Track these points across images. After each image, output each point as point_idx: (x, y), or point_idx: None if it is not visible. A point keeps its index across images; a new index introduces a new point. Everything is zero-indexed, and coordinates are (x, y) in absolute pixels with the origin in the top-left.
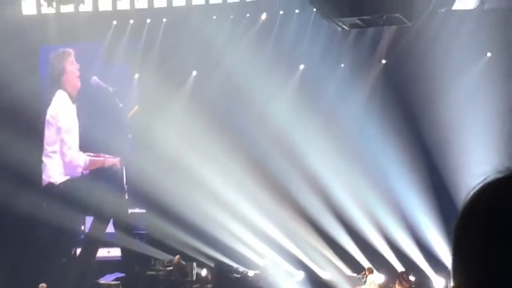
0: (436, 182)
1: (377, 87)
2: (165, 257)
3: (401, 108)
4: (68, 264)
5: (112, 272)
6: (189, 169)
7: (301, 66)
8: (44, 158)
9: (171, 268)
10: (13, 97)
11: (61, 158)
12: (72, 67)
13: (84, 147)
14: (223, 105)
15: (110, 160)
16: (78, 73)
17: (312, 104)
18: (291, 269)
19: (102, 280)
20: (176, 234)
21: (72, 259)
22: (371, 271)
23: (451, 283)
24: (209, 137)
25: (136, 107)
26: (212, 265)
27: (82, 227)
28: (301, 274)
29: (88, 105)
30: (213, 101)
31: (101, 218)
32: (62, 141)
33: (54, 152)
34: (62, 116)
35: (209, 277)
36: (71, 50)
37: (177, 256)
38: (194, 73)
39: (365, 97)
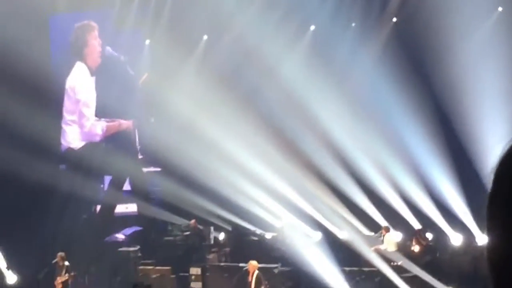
0: (451, 139)
1: (388, 45)
2: (181, 221)
3: (413, 65)
4: (88, 220)
5: (130, 226)
6: (202, 133)
7: (312, 27)
8: (63, 125)
9: (188, 232)
10: (25, 66)
11: (79, 127)
12: (95, 42)
13: (99, 113)
14: (234, 68)
15: (124, 124)
16: (100, 49)
17: (324, 64)
18: (308, 230)
19: (121, 234)
20: (191, 198)
21: (93, 216)
22: (387, 230)
23: (486, 235)
24: (221, 101)
25: (146, 74)
26: (229, 228)
27: (102, 186)
28: (318, 235)
29: (103, 73)
30: (225, 64)
31: (118, 177)
32: (80, 112)
33: (73, 121)
34: (80, 88)
35: (227, 240)
36: (95, 24)
37: (193, 220)
38: (205, 37)
39: (377, 55)
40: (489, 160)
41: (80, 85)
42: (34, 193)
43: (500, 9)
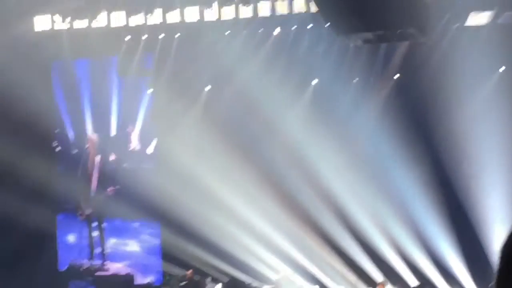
0: (450, 197)
1: (390, 102)
2: (178, 271)
3: (414, 123)
4: None
5: None
6: (202, 183)
7: (314, 81)
8: None
9: (184, 283)
10: (27, 112)
11: None
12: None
13: None
14: (236, 119)
15: None
16: None
17: (325, 119)
18: (305, 284)
19: None
20: (189, 248)
21: None
22: (384, 285)
23: None
24: (222, 152)
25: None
26: (226, 280)
27: None
28: None
29: None
30: (226, 116)
31: None
32: None
33: None
34: None
35: None
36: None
37: (190, 271)
38: (208, 88)
39: (378, 112)
40: (487, 218)
41: None
42: (32, 239)
43: (502, 69)
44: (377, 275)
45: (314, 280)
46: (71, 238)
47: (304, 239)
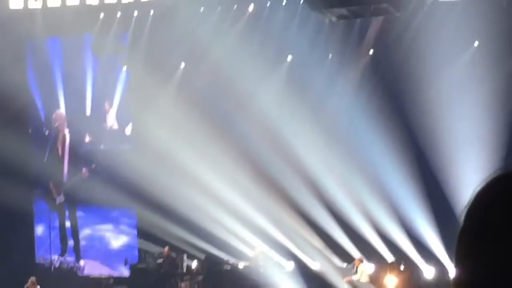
0: (426, 173)
1: (364, 77)
2: (155, 249)
3: (389, 98)
4: None
5: None
6: (178, 161)
7: (289, 57)
8: None
9: (161, 260)
10: (2, 90)
11: None
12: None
13: None
14: (211, 96)
15: None
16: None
17: (300, 95)
18: (281, 260)
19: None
20: (165, 226)
21: None
22: (361, 261)
23: (454, 269)
24: (197, 129)
25: None
26: (203, 257)
27: None
28: (291, 265)
29: None
30: (201, 92)
31: None
32: None
33: None
34: None
35: (200, 269)
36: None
37: (166, 248)
38: (182, 65)
39: (353, 87)
40: (462, 193)
41: None
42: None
43: (476, 43)
44: (354, 251)
45: (290, 256)
46: (39, 229)
47: (280, 215)
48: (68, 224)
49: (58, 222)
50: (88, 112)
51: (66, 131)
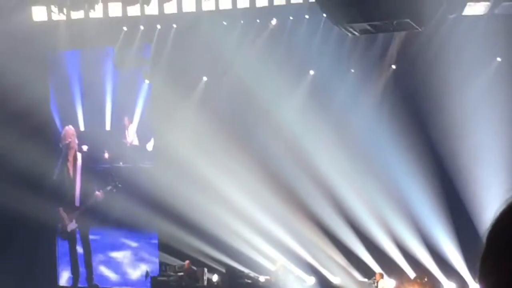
0: (447, 188)
1: (387, 92)
2: (176, 262)
3: (411, 113)
4: None
5: None
6: (200, 174)
7: (311, 72)
8: None
9: (181, 273)
10: (23, 101)
11: None
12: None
13: None
14: (233, 110)
15: None
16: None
17: (322, 110)
18: (302, 274)
19: None
20: (186, 239)
21: None
22: (381, 276)
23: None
24: (219, 143)
25: None
26: (223, 270)
27: None
28: (312, 280)
29: None
30: (223, 106)
31: None
32: None
33: None
34: None
35: (220, 282)
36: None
37: (187, 262)
38: (205, 78)
39: (375, 102)
40: (485, 210)
41: None
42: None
43: (498, 59)
44: (375, 266)
45: (311, 270)
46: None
47: (301, 230)
48: (80, 250)
49: (68, 249)
50: (107, 127)
51: (78, 148)
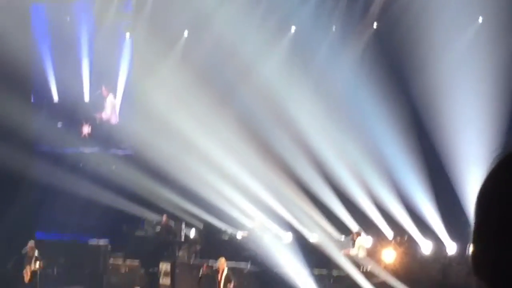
0: (427, 148)
1: (368, 50)
2: (153, 217)
3: (391, 72)
4: None
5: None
6: (179, 129)
7: (293, 28)
8: None
9: (159, 228)
10: (5, 54)
11: None
12: None
13: None
14: (213, 65)
15: None
16: None
17: (303, 66)
18: (280, 231)
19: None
20: (165, 194)
21: None
22: (358, 235)
23: (471, 247)
24: (199, 98)
25: None
26: (201, 226)
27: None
28: (289, 236)
29: None
30: (204, 61)
31: None
32: None
33: None
34: None
35: (198, 238)
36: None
37: (165, 216)
38: (186, 33)
39: (356, 60)
40: (463, 170)
41: None
42: (5, 182)
43: (480, 19)
44: (353, 225)
45: (289, 227)
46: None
47: (279, 187)
48: None
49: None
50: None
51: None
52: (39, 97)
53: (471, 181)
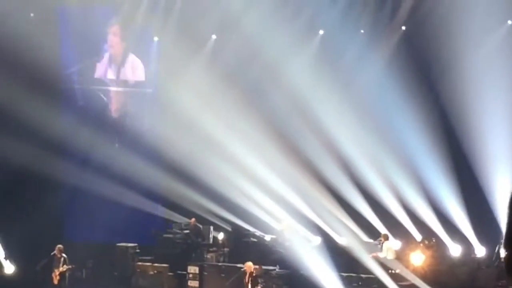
0: (455, 150)
1: (396, 53)
2: (182, 220)
3: (420, 74)
4: None
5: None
6: (207, 132)
7: (321, 31)
8: None
9: (187, 231)
10: (35, 57)
11: None
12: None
13: None
14: (242, 69)
15: None
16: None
17: (331, 70)
18: (308, 234)
19: None
20: (193, 197)
21: None
22: (386, 238)
23: (504, 251)
24: (228, 101)
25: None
26: (229, 229)
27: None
28: (317, 240)
29: None
30: (232, 64)
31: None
32: None
33: None
34: None
35: (226, 241)
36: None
37: (193, 219)
38: (214, 36)
39: (384, 63)
40: (492, 174)
41: None
42: (34, 184)
43: (510, 22)
44: (381, 228)
45: (317, 230)
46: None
47: (308, 190)
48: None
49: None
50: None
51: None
52: (66, 100)
53: (500, 184)
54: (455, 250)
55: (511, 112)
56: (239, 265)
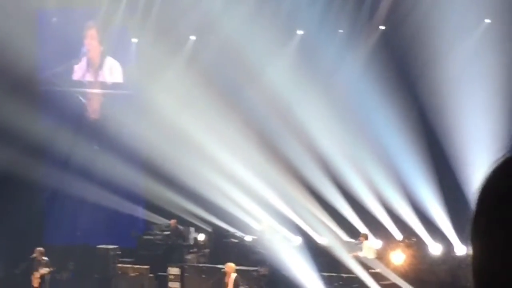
0: (434, 149)
1: (375, 53)
2: (163, 221)
3: (399, 74)
4: None
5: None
6: (186, 133)
7: (299, 31)
8: None
9: (168, 232)
10: (11, 59)
11: None
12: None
13: None
14: (220, 70)
15: None
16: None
17: (310, 69)
18: (289, 234)
19: None
20: (174, 198)
21: None
22: (366, 237)
23: (470, 251)
24: (206, 102)
25: None
26: (210, 229)
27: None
28: (298, 239)
29: None
30: (211, 66)
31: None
32: None
33: None
34: None
35: (207, 241)
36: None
37: (173, 220)
38: (192, 37)
39: (363, 63)
40: (471, 172)
41: None
42: (14, 187)
43: (487, 21)
44: (362, 227)
45: (298, 230)
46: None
47: (288, 190)
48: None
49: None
50: None
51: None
52: (45, 102)
53: (479, 182)
54: (435, 249)
55: (489, 110)
56: (219, 266)
